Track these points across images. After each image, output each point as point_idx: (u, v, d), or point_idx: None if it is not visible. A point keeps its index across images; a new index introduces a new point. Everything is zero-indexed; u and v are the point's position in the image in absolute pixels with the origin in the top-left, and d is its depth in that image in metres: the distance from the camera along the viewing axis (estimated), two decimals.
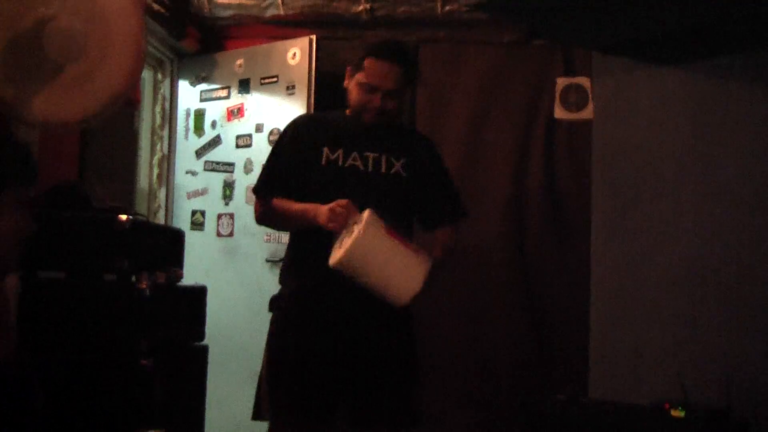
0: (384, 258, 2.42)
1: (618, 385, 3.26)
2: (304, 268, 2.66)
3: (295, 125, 2.80)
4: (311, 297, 2.63)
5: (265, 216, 2.76)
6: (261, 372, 2.67)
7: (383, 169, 2.68)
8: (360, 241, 2.36)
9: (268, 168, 2.77)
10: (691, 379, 2.90)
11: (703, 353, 2.96)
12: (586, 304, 3.19)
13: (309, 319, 2.62)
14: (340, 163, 2.67)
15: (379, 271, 2.42)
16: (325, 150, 2.68)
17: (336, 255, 2.41)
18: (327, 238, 2.49)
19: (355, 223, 2.41)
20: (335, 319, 2.60)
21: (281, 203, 2.67)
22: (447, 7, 4.26)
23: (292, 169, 2.69)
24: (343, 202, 2.47)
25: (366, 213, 2.40)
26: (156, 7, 4.14)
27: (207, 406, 3.47)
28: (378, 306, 2.53)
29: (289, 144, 2.75)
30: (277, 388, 2.61)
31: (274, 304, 2.72)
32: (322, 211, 2.50)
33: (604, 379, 3.33)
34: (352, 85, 2.70)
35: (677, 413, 2.80)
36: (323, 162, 2.67)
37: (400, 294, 2.45)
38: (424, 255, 2.48)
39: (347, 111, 2.78)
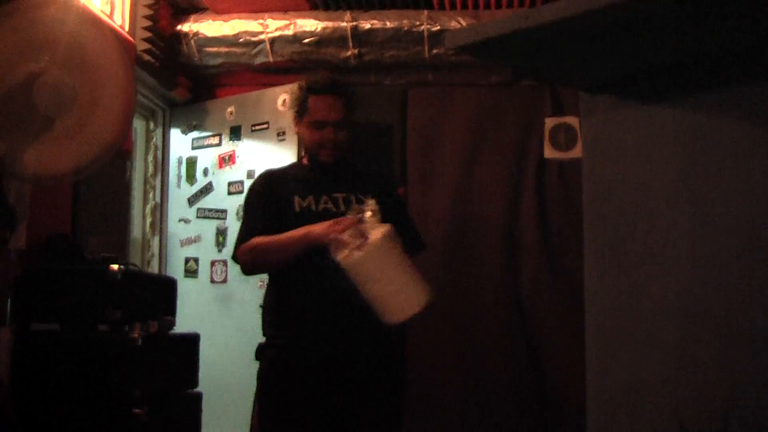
0: (398, 269, 2.45)
1: (615, 422, 3.23)
2: (287, 320, 2.67)
3: (260, 183, 2.86)
4: (298, 347, 2.63)
5: (251, 260, 2.76)
6: (252, 422, 2.67)
7: (355, 206, 2.73)
8: (381, 244, 2.39)
9: (246, 225, 2.79)
10: (688, 415, 2.88)
11: (700, 388, 2.94)
12: (581, 340, 3.18)
13: (297, 369, 2.61)
14: (313, 208, 2.70)
15: (389, 281, 2.45)
16: (296, 199, 2.72)
17: (352, 254, 2.41)
18: (307, 282, 2.51)
19: (372, 230, 2.42)
20: (324, 368, 2.60)
21: (264, 238, 2.67)
22: (434, 51, 4.31)
23: (268, 221, 2.71)
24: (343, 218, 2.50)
25: (387, 225, 2.43)
26: (146, 57, 4.18)
27: None
28: (365, 353, 2.54)
29: (258, 200, 2.78)
30: None
31: (261, 353, 2.72)
32: (320, 224, 2.51)
33: (601, 416, 3.31)
34: (303, 128, 2.81)
35: None
36: (296, 210, 2.70)
37: (403, 308, 2.47)
38: (425, 285, 2.51)
39: (303, 160, 2.86)
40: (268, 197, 2.76)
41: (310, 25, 4.37)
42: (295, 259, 2.63)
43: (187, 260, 4.63)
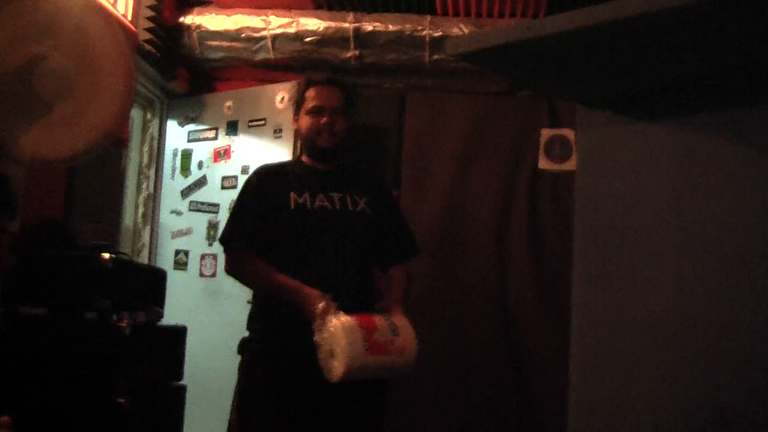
0: (373, 371, 2.54)
1: None
2: (273, 314, 2.68)
3: (257, 176, 2.86)
4: (281, 342, 2.64)
5: (236, 269, 2.78)
6: (230, 417, 2.67)
7: (350, 207, 2.75)
8: (347, 366, 2.45)
9: (234, 218, 2.80)
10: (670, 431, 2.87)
11: (682, 407, 2.96)
12: (566, 352, 3.20)
13: (279, 364, 2.62)
14: (308, 206, 2.71)
15: (375, 376, 2.58)
16: (292, 195, 2.74)
17: (330, 374, 2.48)
18: (295, 277, 2.54)
19: (333, 341, 2.45)
20: (306, 364, 2.61)
21: (264, 271, 2.68)
22: (435, 56, 4.32)
23: (260, 217, 2.72)
24: (321, 304, 2.49)
25: (342, 335, 2.44)
26: (147, 47, 4.19)
27: None
28: None
29: (254, 194, 2.79)
30: None
31: (244, 347, 2.74)
32: (311, 296, 2.53)
33: (583, 430, 3.32)
34: (302, 117, 2.85)
35: None
36: (292, 206, 2.72)
37: (406, 370, 2.61)
38: (407, 339, 2.58)
39: (302, 158, 2.88)
40: (263, 192, 2.77)
41: (312, 24, 4.38)
42: (284, 254, 2.65)
43: (177, 252, 4.64)
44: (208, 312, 4.44)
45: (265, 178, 2.83)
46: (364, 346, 2.48)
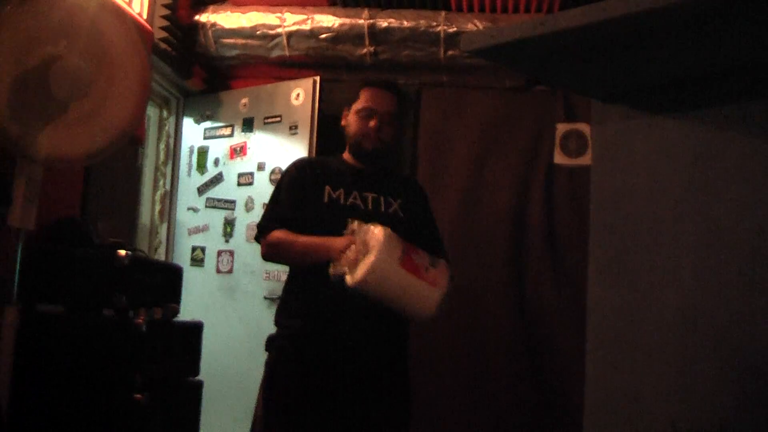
0: (397, 287, 2.45)
1: (613, 428, 3.25)
2: (301, 311, 2.68)
3: (296, 167, 2.86)
4: (308, 339, 2.64)
5: (271, 250, 2.77)
6: (255, 413, 2.68)
7: (382, 208, 2.74)
8: (375, 266, 2.39)
9: (271, 207, 2.80)
10: (685, 425, 2.89)
11: (698, 400, 2.95)
12: (583, 346, 3.20)
13: (306, 361, 2.63)
14: (341, 201, 2.72)
15: (394, 298, 2.48)
16: (327, 189, 2.74)
17: (353, 276, 2.43)
18: (324, 279, 2.52)
19: (371, 241, 2.43)
20: (332, 361, 2.61)
21: (290, 237, 2.69)
22: (449, 52, 4.31)
23: (295, 207, 2.72)
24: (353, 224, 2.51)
25: (381, 230, 2.44)
26: (163, 46, 4.21)
27: None
28: (375, 349, 2.56)
29: (291, 184, 2.79)
30: (275, 430, 2.62)
31: (271, 344, 2.74)
32: (341, 240, 2.52)
33: (599, 422, 3.32)
34: (351, 115, 2.85)
35: None
36: (325, 200, 2.72)
37: (416, 316, 2.55)
38: (441, 277, 2.52)
39: (344, 155, 2.87)
40: (301, 183, 2.77)
41: (327, 20, 4.39)
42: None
43: (194, 249, 4.66)
44: (225, 308, 4.46)
45: (303, 170, 2.84)
46: (400, 256, 2.45)
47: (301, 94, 4.45)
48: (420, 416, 4.12)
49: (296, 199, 2.74)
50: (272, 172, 4.43)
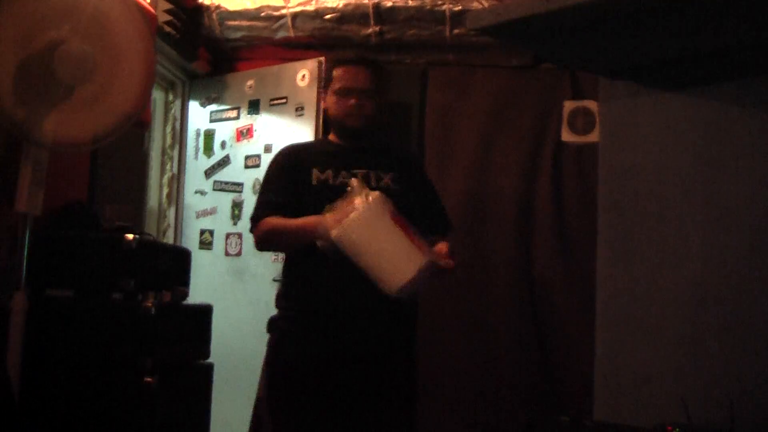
0: (381, 240, 2.40)
1: (622, 407, 3.25)
2: (302, 292, 2.69)
3: (281, 154, 2.87)
4: (310, 320, 2.65)
5: (264, 240, 2.78)
6: (258, 394, 2.69)
7: (373, 184, 2.73)
8: (363, 215, 2.38)
9: (262, 197, 2.81)
10: (695, 403, 2.89)
11: (707, 377, 2.95)
12: (591, 325, 3.20)
13: (307, 342, 2.63)
14: (330, 182, 2.71)
15: (374, 253, 2.42)
16: (315, 171, 2.74)
17: (337, 227, 2.42)
18: (322, 260, 2.52)
19: (363, 197, 2.42)
20: (335, 342, 2.61)
21: (279, 221, 2.69)
22: (455, 31, 4.29)
23: (284, 194, 2.72)
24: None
25: (375, 192, 2.44)
26: (167, 29, 4.19)
27: (211, 424, 3.48)
28: (378, 329, 2.55)
29: (277, 172, 2.80)
30: (279, 411, 2.63)
31: (273, 325, 2.75)
32: (332, 215, 2.51)
33: (608, 401, 3.32)
34: (329, 98, 2.84)
35: None
36: (314, 182, 2.72)
37: (390, 281, 2.40)
38: (425, 250, 2.44)
39: (329, 136, 2.89)
40: (288, 170, 2.78)
41: (331, 1, 4.35)
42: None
43: (202, 232, 4.66)
44: (234, 290, 4.47)
45: (288, 156, 2.84)
46: (390, 210, 2.43)
47: (306, 75, 4.43)
48: (427, 396, 4.14)
49: (284, 186, 2.74)
50: None
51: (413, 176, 2.88)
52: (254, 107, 4.62)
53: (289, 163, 2.80)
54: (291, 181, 2.74)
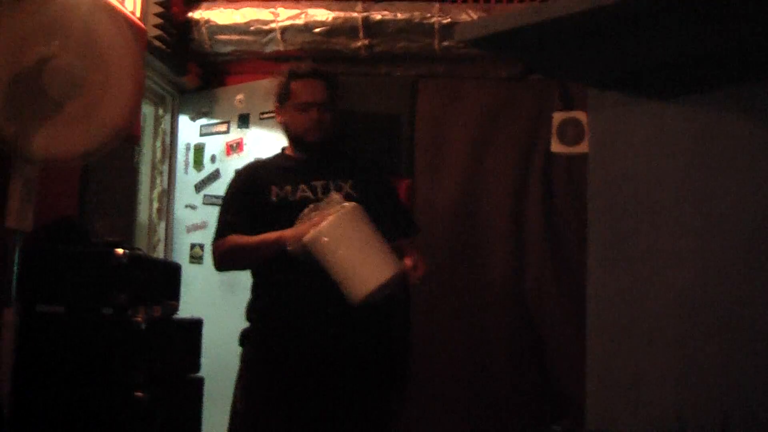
0: (351, 247, 2.44)
1: (616, 416, 3.25)
2: (271, 305, 2.69)
3: (239, 175, 2.90)
4: (281, 333, 2.65)
5: (224, 257, 2.79)
6: (232, 408, 2.69)
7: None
8: (336, 221, 2.39)
9: (222, 218, 2.82)
10: (689, 411, 2.88)
11: (701, 385, 2.95)
12: (584, 333, 3.20)
13: (280, 355, 2.63)
14: (290, 197, 2.71)
15: (342, 260, 2.44)
16: (273, 188, 2.75)
17: (312, 230, 2.42)
18: (291, 270, 2.53)
19: (337, 204, 2.44)
20: (306, 353, 2.61)
21: (239, 240, 2.70)
22: (444, 43, 4.30)
23: (243, 213, 2.73)
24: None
25: (352, 203, 2.49)
26: (157, 43, 4.19)
27: None
28: (351, 338, 2.56)
29: (235, 193, 2.82)
30: (256, 425, 2.62)
31: (245, 339, 2.75)
32: (294, 228, 2.52)
33: (601, 410, 3.32)
34: (287, 113, 2.83)
35: None
36: (274, 199, 2.72)
37: (354, 290, 2.44)
38: (394, 262, 2.48)
39: (286, 150, 2.90)
40: (247, 189, 2.79)
41: (321, 14, 4.37)
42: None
43: (192, 246, 4.65)
44: (225, 304, 4.45)
45: (246, 176, 2.86)
46: (365, 221, 2.47)
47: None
48: (416, 401, 4.13)
49: (243, 206, 2.75)
50: None
51: (374, 182, 2.88)
52: (244, 121, 4.61)
53: (248, 182, 2.81)
54: (250, 201, 2.74)
